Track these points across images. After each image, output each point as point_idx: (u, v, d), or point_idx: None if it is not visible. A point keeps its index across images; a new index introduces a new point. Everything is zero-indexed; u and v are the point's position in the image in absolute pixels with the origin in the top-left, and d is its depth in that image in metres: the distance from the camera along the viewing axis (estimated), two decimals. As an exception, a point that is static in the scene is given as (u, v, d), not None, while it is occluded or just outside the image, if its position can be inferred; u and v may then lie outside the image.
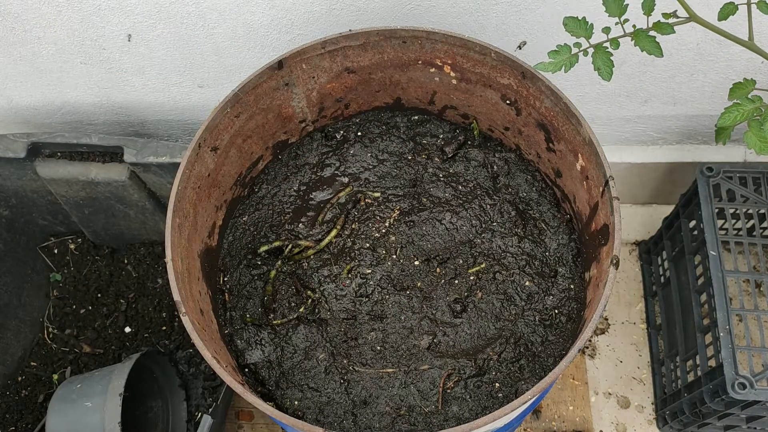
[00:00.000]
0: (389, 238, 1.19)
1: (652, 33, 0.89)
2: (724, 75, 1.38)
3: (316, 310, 1.13)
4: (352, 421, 1.04)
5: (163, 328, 1.62)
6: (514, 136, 1.22)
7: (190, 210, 1.06)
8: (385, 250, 1.18)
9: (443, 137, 1.28)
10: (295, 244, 1.18)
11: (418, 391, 1.05)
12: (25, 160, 1.39)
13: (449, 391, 1.05)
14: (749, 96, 0.96)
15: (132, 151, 1.36)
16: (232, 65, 1.36)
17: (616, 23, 0.90)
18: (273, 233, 1.20)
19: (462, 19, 1.25)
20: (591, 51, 0.91)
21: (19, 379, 1.59)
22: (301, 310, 1.13)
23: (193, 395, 1.57)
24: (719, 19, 0.91)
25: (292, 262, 1.18)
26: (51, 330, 1.65)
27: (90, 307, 1.66)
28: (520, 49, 1.29)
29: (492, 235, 1.18)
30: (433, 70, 1.19)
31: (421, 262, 1.17)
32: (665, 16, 0.89)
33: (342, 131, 1.29)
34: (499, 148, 1.26)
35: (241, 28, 1.26)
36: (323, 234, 1.20)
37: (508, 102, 1.16)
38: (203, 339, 0.91)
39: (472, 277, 1.15)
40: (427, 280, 1.16)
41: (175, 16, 1.23)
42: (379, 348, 1.10)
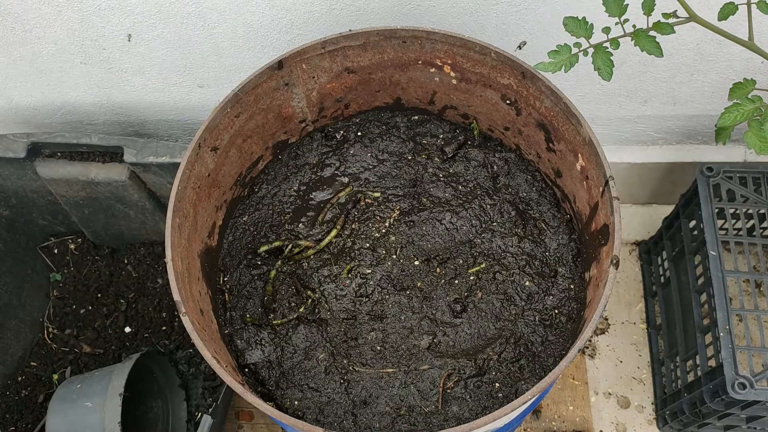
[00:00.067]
0: (389, 238, 1.19)
1: (652, 33, 0.89)
2: (724, 75, 1.38)
3: (316, 310, 1.13)
4: (352, 421, 1.04)
5: (163, 328, 1.62)
6: (514, 136, 1.22)
7: (190, 210, 1.06)
8: (385, 250, 1.18)
9: (443, 137, 1.28)
10: (295, 244, 1.18)
11: (418, 391, 1.05)
12: (25, 160, 1.39)
13: (449, 391, 1.05)
14: (749, 96, 0.96)
15: (132, 151, 1.36)
16: (232, 65, 1.36)
17: (616, 23, 0.90)
18: (273, 233, 1.20)
19: (462, 19, 1.25)
20: (591, 51, 0.91)
21: (19, 379, 1.59)
22: (301, 310, 1.13)
23: (193, 395, 1.57)
24: (719, 19, 0.91)
25: (292, 262, 1.18)
26: (51, 330, 1.65)
27: (90, 307, 1.66)
28: (520, 49, 1.29)
29: (492, 235, 1.18)
30: (433, 70, 1.19)
31: (421, 262, 1.17)
32: (665, 16, 0.89)
33: (342, 131, 1.29)
34: (499, 148, 1.26)
35: (241, 28, 1.26)
36: (323, 234, 1.20)
37: (508, 102, 1.16)
38: (203, 339, 0.91)
39: (472, 277, 1.15)
40: (427, 280, 1.16)
41: (175, 16, 1.23)
42: (379, 348, 1.10)
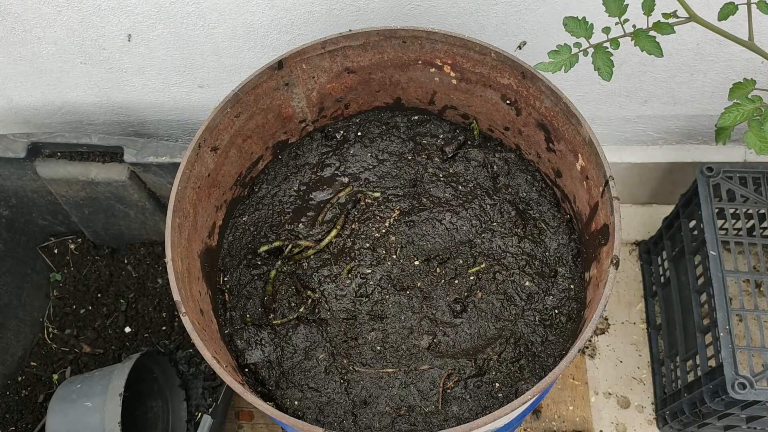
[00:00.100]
0: (389, 238, 1.19)
1: (652, 33, 0.89)
2: (724, 75, 1.38)
3: (316, 310, 1.13)
4: (352, 421, 1.04)
5: (163, 328, 1.62)
6: (514, 136, 1.22)
7: (190, 210, 1.06)
8: (385, 250, 1.18)
9: (443, 137, 1.28)
10: (295, 244, 1.18)
11: (418, 391, 1.05)
12: (25, 160, 1.39)
13: (449, 391, 1.05)
14: (749, 96, 0.96)
15: (132, 151, 1.36)
16: (232, 65, 1.36)
17: (616, 23, 0.90)
18: (273, 233, 1.20)
19: (462, 19, 1.25)
20: (591, 51, 0.91)
21: (19, 379, 1.59)
22: (301, 310, 1.13)
23: (193, 395, 1.57)
24: (719, 19, 0.91)
25: (292, 262, 1.18)
26: (51, 330, 1.65)
27: (90, 307, 1.66)
28: (520, 49, 1.29)
29: (492, 235, 1.18)
30: (433, 70, 1.19)
31: (421, 262, 1.17)
32: (665, 16, 0.89)
33: (342, 131, 1.29)
34: (499, 148, 1.26)
35: (241, 28, 1.26)
36: (323, 234, 1.20)
37: (508, 102, 1.16)
38: (203, 339, 0.91)
39: (472, 277, 1.15)
40: (427, 280, 1.16)
41: (175, 16, 1.23)
42: (379, 348, 1.10)
